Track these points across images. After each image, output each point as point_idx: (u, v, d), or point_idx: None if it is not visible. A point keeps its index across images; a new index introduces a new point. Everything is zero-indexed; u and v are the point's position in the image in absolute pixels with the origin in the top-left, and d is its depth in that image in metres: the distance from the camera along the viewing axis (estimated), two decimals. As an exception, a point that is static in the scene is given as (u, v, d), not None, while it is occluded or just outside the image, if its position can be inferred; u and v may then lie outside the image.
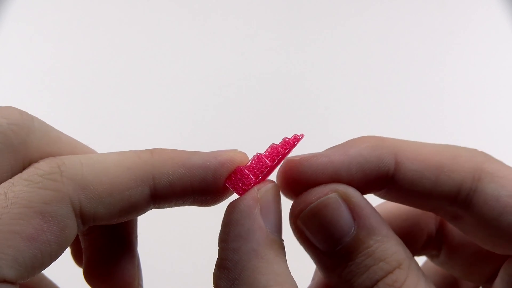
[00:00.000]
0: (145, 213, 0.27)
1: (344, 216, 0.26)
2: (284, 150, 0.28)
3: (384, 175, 0.27)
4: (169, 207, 0.28)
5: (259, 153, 0.28)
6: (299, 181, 0.27)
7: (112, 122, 0.82)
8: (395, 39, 0.89)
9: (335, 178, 0.27)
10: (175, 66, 0.86)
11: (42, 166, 0.24)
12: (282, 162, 0.28)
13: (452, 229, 0.33)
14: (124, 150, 0.27)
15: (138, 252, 0.32)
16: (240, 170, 0.27)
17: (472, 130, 0.81)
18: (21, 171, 0.25)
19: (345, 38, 0.89)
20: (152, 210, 0.28)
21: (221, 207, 0.28)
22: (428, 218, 0.34)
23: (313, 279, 0.34)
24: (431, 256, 0.35)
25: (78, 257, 0.33)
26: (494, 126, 0.80)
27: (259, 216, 0.26)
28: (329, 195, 0.27)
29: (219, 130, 0.79)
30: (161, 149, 0.27)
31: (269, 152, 0.28)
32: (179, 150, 0.27)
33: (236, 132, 0.78)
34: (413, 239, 0.30)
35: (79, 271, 0.33)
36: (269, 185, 0.28)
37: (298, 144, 0.29)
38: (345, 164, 0.27)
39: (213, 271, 0.26)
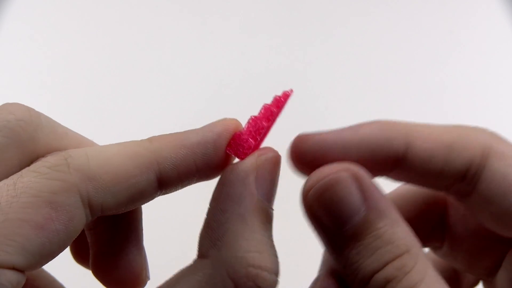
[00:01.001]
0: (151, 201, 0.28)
1: (354, 195, 0.26)
2: (277, 108, 0.28)
3: (394, 156, 0.27)
4: (176, 190, 0.28)
5: (253, 116, 0.28)
6: (308, 156, 0.27)
7: (112, 121, 0.82)
8: (395, 39, 0.89)
9: (344, 156, 0.27)
10: (175, 65, 0.86)
11: (49, 159, 0.25)
12: (294, 139, 0.28)
13: (455, 220, 0.33)
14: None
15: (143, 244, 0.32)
16: (239, 135, 0.28)
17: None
18: (28, 166, 0.25)
19: (345, 37, 0.89)
20: (156, 199, 0.28)
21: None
22: (431, 209, 0.34)
23: (320, 270, 0.34)
24: (434, 248, 0.35)
25: (77, 253, 0.33)
26: (494, 126, 0.80)
27: (253, 182, 0.26)
28: (340, 173, 0.27)
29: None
30: (158, 135, 0.27)
31: (262, 113, 0.28)
32: (174, 133, 0.27)
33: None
34: (417, 231, 0.31)
35: (77, 266, 0.33)
36: (270, 154, 0.28)
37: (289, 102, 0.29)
38: (354, 142, 0.27)
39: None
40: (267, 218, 0.27)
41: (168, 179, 0.26)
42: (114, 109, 0.83)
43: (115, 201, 0.25)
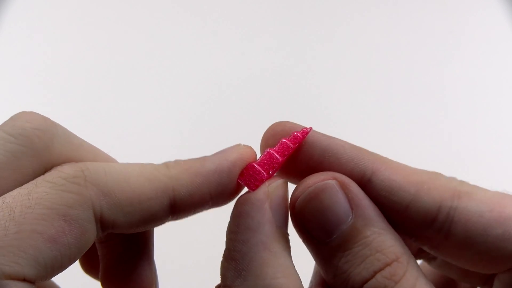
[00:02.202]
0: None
1: (341, 203, 0.26)
2: (294, 144, 0.28)
3: (361, 174, 0.27)
4: (187, 216, 0.28)
5: (270, 149, 0.29)
6: (276, 139, 0.28)
7: (112, 122, 0.82)
8: (395, 39, 0.89)
9: (309, 150, 0.27)
10: (176, 65, 0.86)
11: (65, 169, 0.25)
12: (272, 125, 0.29)
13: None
14: (127, 150, 0.27)
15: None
16: (252, 166, 0.28)
17: (472, 130, 0.81)
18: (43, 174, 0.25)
19: (345, 37, 0.89)
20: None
21: (225, 206, 0.29)
22: None
23: (310, 283, 0.34)
24: (428, 260, 0.34)
25: (85, 263, 0.33)
26: (494, 126, 0.80)
27: (269, 210, 0.27)
28: (327, 180, 0.27)
29: (219, 129, 0.79)
30: (173, 162, 0.27)
31: (279, 147, 0.29)
32: (189, 160, 0.28)
33: (236, 131, 0.78)
34: (411, 242, 0.30)
35: (81, 275, 0.33)
36: (279, 181, 0.28)
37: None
38: (324, 142, 0.28)
39: (220, 263, 0.27)
40: (287, 243, 0.27)
41: (181, 206, 0.27)
42: (114, 110, 0.83)
43: (126, 220, 0.25)
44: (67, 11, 0.88)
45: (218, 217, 0.31)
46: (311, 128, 0.28)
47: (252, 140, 0.30)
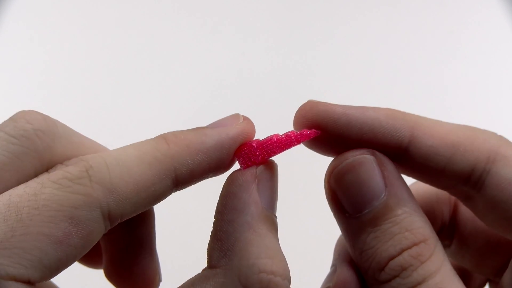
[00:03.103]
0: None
1: (376, 179, 0.27)
2: (297, 141, 0.29)
3: (396, 146, 0.28)
4: (188, 187, 0.28)
5: (275, 136, 0.29)
6: (313, 121, 0.28)
7: (112, 121, 0.81)
8: (395, 39, 0.89)
9: (346, 131, 0.27)
10: (176, 65, 0.86)
11: (70, 170, 0.25)
12: (305, 103, 0.29)
13: (464, 219, 0.33)
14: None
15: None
16: (250, 146, 0.28)
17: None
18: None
19: (345, 37, 0.89)
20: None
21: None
22: (442, 207, 0.34)
23: (334, 261, 0.34)
24: (443, 247, 0.35)
25: (87, 256, 0.33)
26: (494, 126, 0.80)
27: (255, 191, 0.27)
28: (365, 155, 0.27)
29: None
30: (173, 134, 0.27)
31: (284, 138, 0.29)
32: (189, 133, 0.27)
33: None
34: None
35: (80, 274, 0.33)
36: (269, 164, 0.28)
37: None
38: (358, 121, 0.27)
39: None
40: (273, 225, 0.27)
41: (183, 181, 0.27)
42: (114, 109, 0.83)
43: (134, 209, 0.26)
44: (67, 12, 0.88)
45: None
46: (319, 132, 0.28)
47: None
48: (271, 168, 0.28)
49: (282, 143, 0.29)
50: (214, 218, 0.27)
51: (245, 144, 0.28)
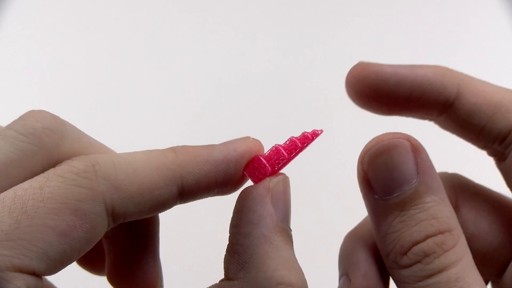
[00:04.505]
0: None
1: (409, 164, 0.27)
2: (302, 144, 0.29)
3: (443, 101, 0.28)
4: (193, 201, 0.28)
5: (278, 145, 0.29)
6: (364, 83, 0.29)
7: (112, 121, 0.82)
8: (395, 39, 0.89)
9: (397, 89, 0.28)
10: (175, 65, 0.86)
11: (76, 164, 0.25)
12: (354, 65, 0.30)
13: (467, 219, 0.33)
14: (127, 149, 0.28)
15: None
16: (258, 159, 0.28)
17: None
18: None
19: (345, 37, 0.89)
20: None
21: (229, 203, 0.29)
22: None
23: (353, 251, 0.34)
24: None
25: (83, 259, 0.33)
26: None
27: (269, 204, 0.27)
28: (400, 139, 0.27)
29: (219, 129, 0.79)
30: (182, 147, 0.28)
31: (287, 144, 0.29)
32: (198, 146, 0.28)
33: (237, 131, 0.78)
34: None
35: (80, 274, 0.33)
36: (281, 177, 0.29)
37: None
38: (409, 79, 0.29)
39: (223, 257, 0.27)
40: (289, 237, 0.27)
41: (189, 192, 0.27)
42: (114, 109, 0.83)
43: (137, 210, 0.26)
44: (67, 12, 0.89)
45: (222, 215, 0.32)
46: (322, 130, 0.28)
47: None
48: (283, 181, 0.29)
49: (287, 149, 0.29)
50: (229, 232, 0.27)
51: (252, 158, 0.29)
